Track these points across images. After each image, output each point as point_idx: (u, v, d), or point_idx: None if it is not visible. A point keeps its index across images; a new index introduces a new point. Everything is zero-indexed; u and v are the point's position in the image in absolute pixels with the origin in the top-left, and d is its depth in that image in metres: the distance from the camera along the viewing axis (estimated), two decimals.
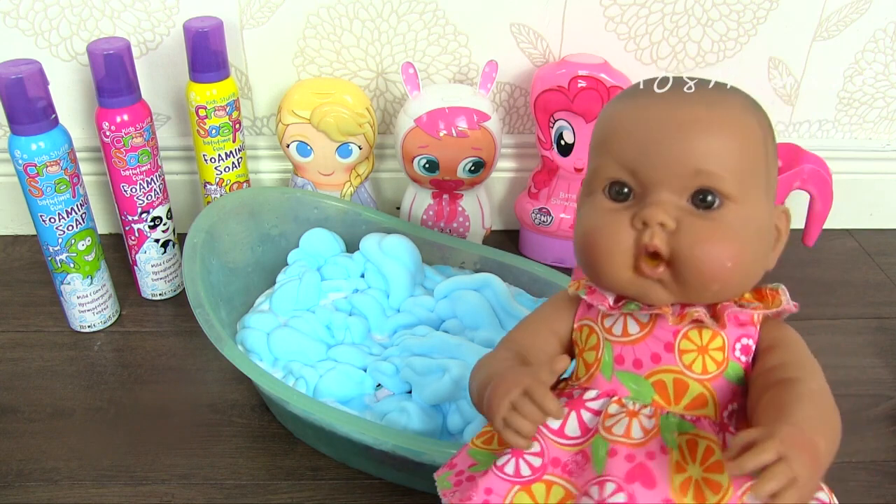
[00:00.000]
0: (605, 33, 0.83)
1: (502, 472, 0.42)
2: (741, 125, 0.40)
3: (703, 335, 0.41)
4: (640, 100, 0.42)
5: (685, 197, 0.39)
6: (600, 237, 0.41)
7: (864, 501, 0.61)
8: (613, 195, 0.41)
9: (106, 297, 0.75)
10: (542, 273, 0.71)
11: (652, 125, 0.40)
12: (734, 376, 0.41)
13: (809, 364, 0.40)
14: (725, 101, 0.41)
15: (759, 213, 0.41)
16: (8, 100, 0.63)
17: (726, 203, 0.39)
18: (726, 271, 0.39)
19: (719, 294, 0.40)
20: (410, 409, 0.59)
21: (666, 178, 0.39)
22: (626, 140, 0.41)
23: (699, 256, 0.39)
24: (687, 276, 0.39)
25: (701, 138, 0.39)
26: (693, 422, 0.40)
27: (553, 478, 0.41)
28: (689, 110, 0.40)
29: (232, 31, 0.80)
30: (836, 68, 0.87)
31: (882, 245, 0.94)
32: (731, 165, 0.39)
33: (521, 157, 0.90)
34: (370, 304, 0.69)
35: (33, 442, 0.64)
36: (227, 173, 0.79)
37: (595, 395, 0.43)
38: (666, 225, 0.39)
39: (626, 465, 0.39)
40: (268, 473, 0.61)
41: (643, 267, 0.40)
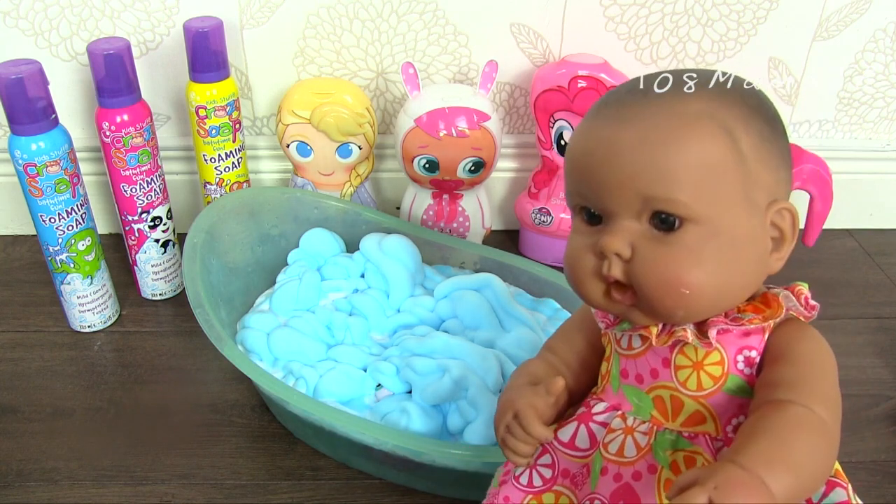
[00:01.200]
0: (605, 33, 0.83)
1: (518, 483, 0.44)
2: (695, 136, 0.37)
3: (699, 351, 0.39)
4: (592, 121, 0.40)
5: (645, 219, 0.37)
6: (572, 263, 0.41)
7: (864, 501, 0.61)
8: (587, 219, 0.40)
9: (106, 297, 0.75)
10: (542, 273, 0.71)
11: (596, 151, 0.38)
12: (737, 389, 0.39)
13: (810, 385, 0.37)
14: (676, 109, 0.37)
15: (732, 225, 0.37)
16: (8, 100, 0.63)
17: (686, 224, 0.37)
18: (684, 298, 0.37)
19: (688, 318, 0.38)
20: (410, 409, 0.59)
21: (618, 203, 0.38)
22: (575, 169, 0.40)
23: (653, 285, 0.37)
24: (647, 303, 0.38)
25: (644, 161, 0.37)
26: (690, 439, 0.40)
27: (562, 488, 0.43)
28: (632, 130, 0.37)
29: (232, 31, 0.80)
30: (836, 68, 0.87)
31: (882, 245, 0.94)
32: (684, 184, 0.36)
33: (521, 157, 0.90)
34: (370, 304, 0.69)
35: (33, 442, 0.64)
36: (227, 173, 0.79)
37: (603, 408, 0.43)
38: (622, 254, 0.38)
39: (613, 484, 0.40)
40: (268, 473, 0.61)
41: (613, 293, 0.39)
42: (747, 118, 0.38)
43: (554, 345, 0.49)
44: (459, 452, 0.53)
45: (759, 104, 0.39)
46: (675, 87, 0.38)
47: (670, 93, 0.38)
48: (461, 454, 0.53)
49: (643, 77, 0.40)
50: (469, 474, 0.55)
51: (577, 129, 0.41)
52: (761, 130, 0.38)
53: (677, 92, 0.38)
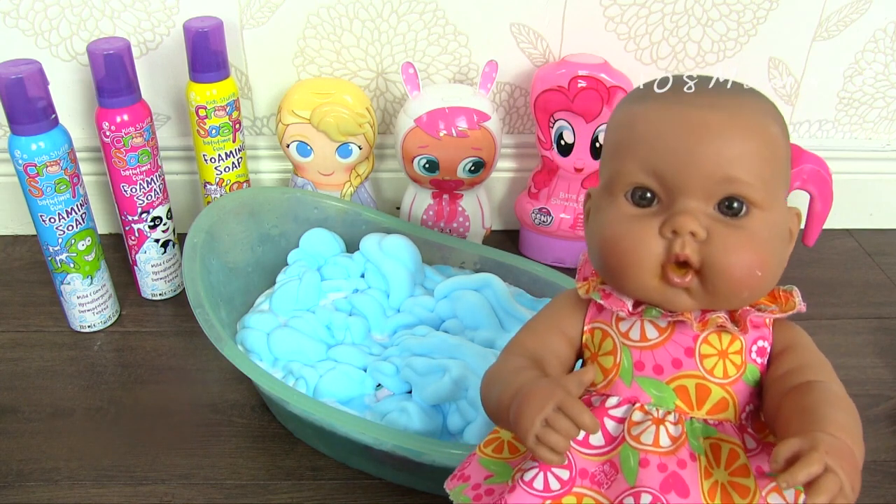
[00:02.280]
0: (605, 33, 0.83)
1: (531, 488, 0.41)
2: (766, 131, 0.40)
3: (723, 339, 0.41)
4: (663, 102, 0.40)
5: (712, 204, 0.39)
6: (626, 244, 0.40)
7: (864, 501, 0.61)
8: (636, 200, 0.40)
9: (106, 297, 0.75)
10: (542, 273, 0.71)
11: (681, 130, 0.39)
12: (751, 379, 0.41)
13: (826, 366, 0.41)
14: (750, 105, 0.40)
15: (781, 219, 0.41)
16: (8, 100, 0.63)
17: (752, 210, 0.39)
18: (756, 279, 0.39)
19: (747, 300, 0.40)
20: (410, 409, 0.59)
21: (695, 184, 0.39)
22: (654, 145, 0.40)
23: (731, 266, 0.38)
24: (718, 285, 0.39)
25: (732, 144, 0.38)
26: (716, 426, 0.40)
27: (583, 490, 0.41)
28: (714, 114, 0.39)
29: (232, 31, 0.80)
30: (836, 68, 0.87)
31: (882, 245, 0.94)
32: (758, 172, 0.39)
33: (521, 157, 0.90)
34: (370, 304, 0.69)
35: (33, 442, 0.64)
36: (227, 173, 0.79)
37: (616, 403, 0.42)
38: (697, 234, 0.38)
39: (659, 475, 0.39)
40: (268, 473, 0.61)
41: (671, 276, 0.39)
42: (786, 127, 0.42)
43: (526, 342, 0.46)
44: (459, 452, 0.53)
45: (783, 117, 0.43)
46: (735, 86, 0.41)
47: (734, 88, 0.41)
48: (461, 454, 0.53)
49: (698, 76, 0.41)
50: None
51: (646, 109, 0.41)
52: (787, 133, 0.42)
53: (739, 88, 0.41)
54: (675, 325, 0.41)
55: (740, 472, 0.39)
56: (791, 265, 0.42)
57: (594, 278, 0.45)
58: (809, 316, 0.42)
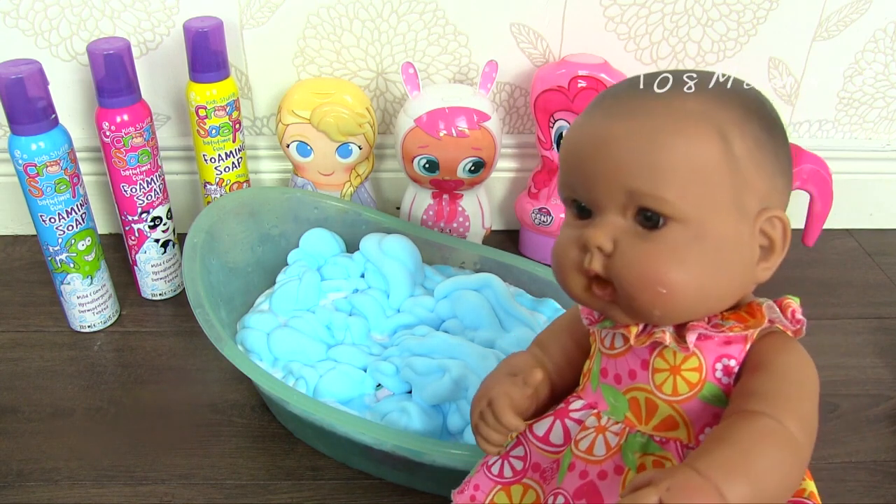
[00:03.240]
0: (605, 33, 0.83)
1: (489, 472, 0.45)
2: (687, 136, 0.36)
3: (677, 355, 0.39)
4: (587, 115, 0.40)
5: (630, 215, 0.37)
6: (558, 255, 0.40)
7: (864, 501, 0.61)
8: (576, 212, 0.40)
9: (106, 297, 0.75)
10: (542, 273, 0.71)
11: (587, 143, 0.38)
12: (712, 398, 0.38)
13: (784, 398, 0.36)
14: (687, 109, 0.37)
15: (718, 229, 0.37)
16: (8, 100, 0.63)
17: (670, 223, 0.36)
18: (661, 297, 0.36)
19: (665, 319, 0.38)
20: (410, 409, 0.59)
21: (603, 198, 0.38)
22: (566, 161, 0.40)
23: (630, 281, 0.37)
24: (624, 300, 0.38)
25: (634, 156, 0.36)
26: (661, 443, 0.39)
27: (531, 482, 0.43)
28: (626, 124, 0.37)
29: (232, 31, 0.80)
30: (836, 68, 0.87)
31: (882, 245, 0.94)
32: (670, 182, 0.36)
33: (521, 157, 0.90)
34: (370, 304, 0.69)
35: (33, 442, 0.64)
36: (227, 173, 0.79)
37: (581, 406, 0.43)
38: (603, 248, 0.37)
39: (578, 481, 0.40)
40: (268, 473, 0.61)
41: (593, 288, 0.39)
42: (744, 121, 0.37)
43: (543, 340, 0.49)
44: (459, 452, 0.53)
45: (758, 108, 0.39)
46: (674, 87, 0.38)
47: (669, 92, 0.38)
48: (461, 454, 0.53)
49: (643, 76, 0.40)
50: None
51: (573, 122, 0.41)
52: (758, 136, 0.38)
53: (676, 91, 0.38)
54: None
55: None
56: (791, 265, 0.42)
57: None
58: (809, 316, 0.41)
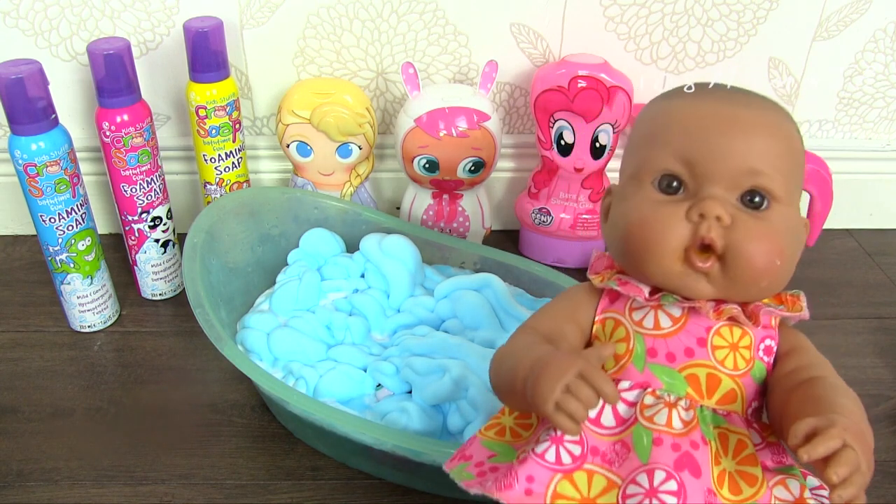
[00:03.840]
0: (605, 33, 0.83)
1: (543, 460, 0.40)
2: (788, 131, 0.42)
3: (734, 333, 0.42)
4: (693, 97, 0.43)
5: (735, 195, 0.41)
6: (653, 227, 0.41)
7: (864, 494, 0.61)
8: (664, 188, 0.42)
9: (106, 297, 0.75)
10: (542, 273, 0.71)
11: (712, 121, 0.41)
12: (758, 376, 0.43)
13: (828, 365, 0.43)
14: (773, 107, 0.43)
15: (797, 216, 0.43)
16: (8, 100, 0.63)
17: (773, 204, 0.41)
18: (775, 269, 0.40)
19: (765, 291, 0.42)
20: (411, 409, 0.59)
21: (723, 173, 0.41)
22: (686, 133, 0.42)
23: (753, 253, 0.40)
24: (738, 271, 0.40)
25: (759, 139, 0.41)
26: (724, 416, 0.41)
27: (594, 467, 0.40)
28: (744, 111, 0.42)
29: (232, 31, 0.80)
30: (836, 68, 0.87)
31: (882, 245, 0.94)
32: (780, 168, 0.41)
33: (521, 157, 0.90)
34: (370, 304, 0.69)
35: (33, 442, 0.64)
36: (227, 173, 0.79)
37: (629, 387, 0.42)
38: (722, 219, 0.40)
39: (672, 453, 0.39)
40: (268, 473, 0.61)
41: (694, 259, 0.40)
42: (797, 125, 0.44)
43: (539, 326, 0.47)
44: None
45: None
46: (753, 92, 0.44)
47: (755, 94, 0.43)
48: None
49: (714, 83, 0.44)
50: None
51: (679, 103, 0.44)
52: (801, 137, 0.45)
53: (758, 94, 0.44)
54: (688, 315, 0.43)
55: (748, 461, 0.40)
56: None
57: (608, 271, 0.47)
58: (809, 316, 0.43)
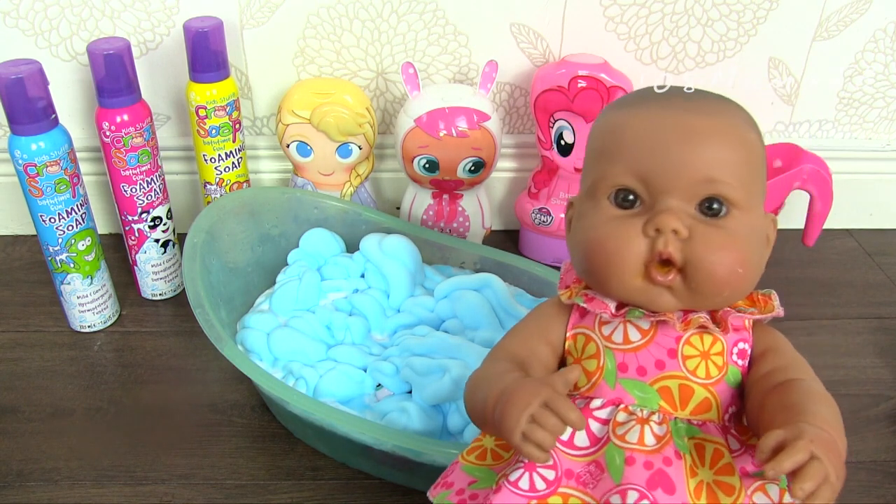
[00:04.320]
0: (605, 33, 0.83)
1: (517, 488, 0.41)
2: (746, 136, 0.41)
3: (705, 340, 0.41)
4: (645, 107, 0.41)
5: (693, 205, 0.40)
6: (610, 245, 0.40)
7: (864, 501, 0.61)
8: (619, 202, 0.41)
9: (106, 297, 0.75)
10: (542, 273, 0.71)
11: (663, 132, 0.40)
12: (733, 381, 0.42)
13: (805, 366, 0.42)
14: (730, 111, 0.42)
15: (759, 221, 0.42)
16: (8, 100, 0.63)
17: (732, 211, 0.40)
18: (737, 277, 0.40)
19: (728, 299, 0.41)
20: (410, 409, 0.59)
21: (677, 185, 0.40)
22: (639, 147, 0.41)
23: (713, 263, 0.39)
24: (699, 283, 0.40)
25: (713, 147, 0.40)
26: (699, 426, 0.41)
27: (568, 490, 0.41)
28: (698, 119, 0.40)
29: (232, 31, 0.80)
30: (836, 68, 0.87)
31: (882, 245, 0.94)
32: (738, 174, 0.40)
33: (521, 157, 0.90)
34: (370, 304, 0.69)
35: (33, 442, 0.64)
36: (227, 173, 0.79)
37: (601, 404, 0.42)
38: (679, 232, 0.39)
39: (645, 472, 0.39)
40: (268, 473, 0.61)
41: (654, 274, 0.40)
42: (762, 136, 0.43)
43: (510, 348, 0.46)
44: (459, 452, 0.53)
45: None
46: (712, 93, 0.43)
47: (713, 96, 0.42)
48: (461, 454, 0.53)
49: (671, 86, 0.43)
50: None
51: (631, 114, 0.42)
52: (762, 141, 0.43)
53: (717, 96, 0.42)
54: (657, 327, 0.42)
55: (725, 470, 0.39)
56: (791, 265, 0.42)
57: (576, 285, 0.46)
58: (809, 316, 0.43)
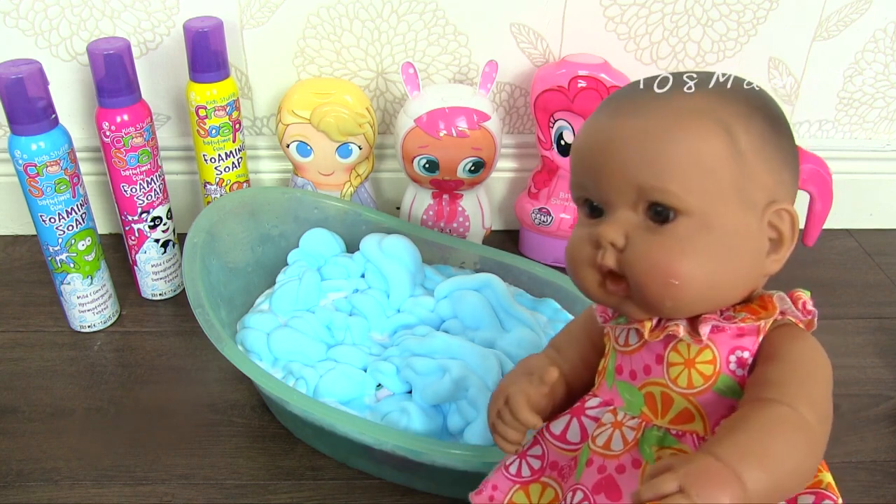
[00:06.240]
0: (605, 33, 0.83)
1: (507, 472, 0.45)
2: (692, 132, 0.37)
3: (691, 349, 0.39)
4: (594, 116, 0.42)
5: (641, 211, 0.38)
6: (571, 253, 0.41)
7: (864, 501, 0.61)
8: (588, 211, 0.41)
9: (106, 297, 0.75)
10: (542, 273, 0.71)
11: (595, 143, 0.40)
12: (727, 390, 0.39)
13: (797, 386, 0.37)
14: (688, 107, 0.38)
15: (725, 222, 0.38)
16: (8, 100, 0.63)
17: (679, 217, 0.37)
18: (673, 288, 0.37)
19: (677, 310, 0.39)
20: (411, 409, 0.59)
21: (614, 195, 0.39)
22: (578, 161, 0.41)
23: (643, 273, 0.38)
24: (638, 294, 0.38)
25: (643, 151, 0.38)
26: (677, 437, 0.40)
27: (549, 480, 0.44)
28: (634, 122, 0.38)
29: (232, 31, 0.80)
30: (836, 68, 0.87)
31: (882, 245, 0.94)
32: (677, 176, 0.37)
33: (521, 157, 0.90)
34: (370, 304, 0.69)
35: (33, 442, 0.64)
36: (227, 173, 0.79)
37: (597, 403, 0.43)
38: (615, 243, 0.38)
39: (596, 476, 0.40)
40: (268, 473, 0.61)
41: (607, 284, 0.40)
42: (748, 116, 0.38)
43: (558, 342, 0.50)
44: (459, 452, 0.53)
45: (762, 104, 0.40)
46: (674, 87, 0.39)
47: (669, 91, 0.39)
48: (461, 454, 0.53)
49: (644, 78, 0.41)
50: (469, 474, 0.55)
51: (583, 125, 0.42)
52: (763, 130, 0.39)
53: (677, 91, 0.39)
54: None
55: None
56: (791, 265, 0.42)
57: None
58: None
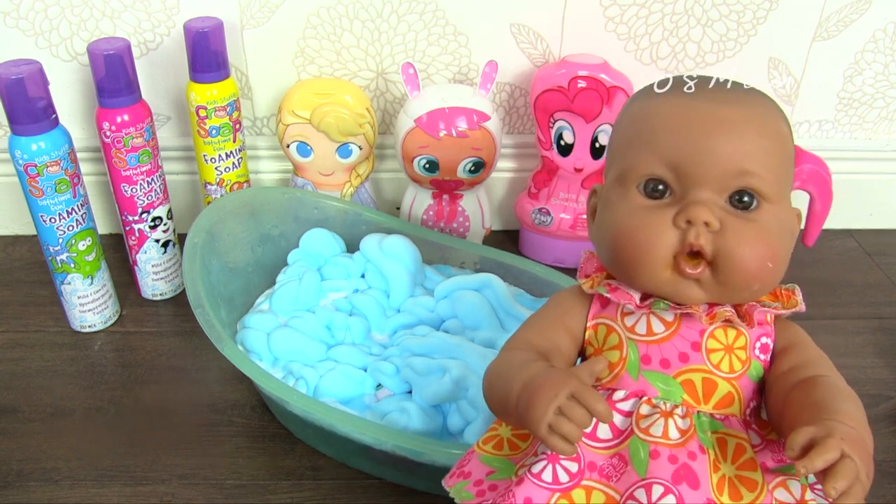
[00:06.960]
0: (605, 33, 0.83)
1: (540, 480, 0.40)
2: (778, 128, 0.41)
3: (729, 334, 0.42)
4: (677, 96, 0.41)
5: (724, 197, 0.40)
6: (640, 235, 0.40)
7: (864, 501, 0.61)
8: (649, 192, 0.41)
9: (106, 297, 0.75)
10: (542, 273, 0.71)
11: (699, 123, 0.40)
12: (755, 375, 0.42)
13: (827, 361, 0.42)
14: (762, 103, 0.41)
15: (788, 214, 0.41)
16: (8, 100, 0.63)
17: (763, 204, 0.40)
18: (767, 271, 0.39)
19: (757, 293, 0.41)
20: (411, 409, 0.59)
21: (710, 176, 0.39)
22: (672, 136, 0.40)
23: (744, 257, 0.39)
24: (729, 276, 0.39)
25: (747, 138, 0.39)
26: (722, 420, 0.41)
27: (591, 483, 0.40)
28: (731, 109, 0.40)
29: (232, 31, 0.80)
30: (836, 68, 0.87)
31: (882, 245, 0.94)
32: (770, 167, 0.40)
33: (521, 157, 0.90)
34: (370, 304, 0.69)
35: (33, 442, 0.64)
36: (227, 173, 0.79)
37: (623, 396, 0.42)
38: (711, 225, 0.39)
39: (670, 466, 0.39)
40: (268, 473, 0.61)
41: (684, 266, 0.39)
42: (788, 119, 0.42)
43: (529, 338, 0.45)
44: (459, 452, 0.53)
45: None
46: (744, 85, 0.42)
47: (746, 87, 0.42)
48: (461, 454, 0.53)
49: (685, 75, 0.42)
50: None
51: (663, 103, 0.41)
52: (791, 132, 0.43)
53: (749, 88, 0.42)
54: (681, 319, 0.42)
55: (747, 466, 0.39)
56: (791, 265, 0.42)
57: (598, 274, 0.45)
58: (809, 316, 0.43)
